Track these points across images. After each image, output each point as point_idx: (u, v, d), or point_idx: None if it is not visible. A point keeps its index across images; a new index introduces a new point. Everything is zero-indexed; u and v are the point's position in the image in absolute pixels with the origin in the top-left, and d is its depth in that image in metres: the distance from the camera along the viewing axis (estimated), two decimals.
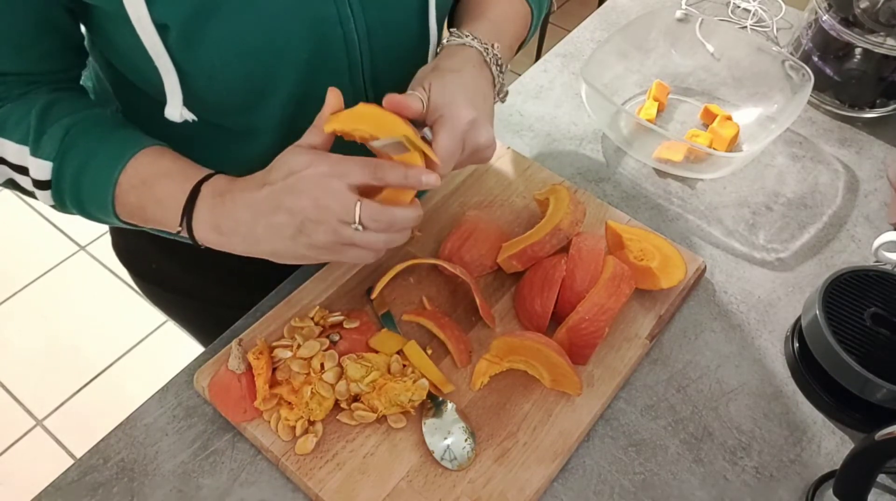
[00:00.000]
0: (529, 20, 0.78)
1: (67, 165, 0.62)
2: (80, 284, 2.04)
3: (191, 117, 0.64)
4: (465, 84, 0.63)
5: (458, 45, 0.67)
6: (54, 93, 0.64)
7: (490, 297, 0.79)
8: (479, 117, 0.62)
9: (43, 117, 0.61)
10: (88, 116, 0.63)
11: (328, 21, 0.63)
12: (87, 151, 0.62)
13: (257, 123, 0.67)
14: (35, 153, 0.62)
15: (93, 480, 0.66)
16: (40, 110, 0.62)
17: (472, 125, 0.62)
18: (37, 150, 0.61)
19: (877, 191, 0.96)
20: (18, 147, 0.62)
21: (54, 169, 0.62)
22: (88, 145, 0.62)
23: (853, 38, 0.98)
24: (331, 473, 0.65)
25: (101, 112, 0.65)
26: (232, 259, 0.81)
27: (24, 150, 0.62)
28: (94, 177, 0.62)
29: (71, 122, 0.62)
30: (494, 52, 0.68)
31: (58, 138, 0.61)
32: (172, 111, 0.63)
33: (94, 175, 0.62)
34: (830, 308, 0.73)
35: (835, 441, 0.72)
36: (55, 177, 0.62)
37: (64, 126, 0.62)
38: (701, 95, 1.06)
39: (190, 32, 0.58)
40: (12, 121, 0.62)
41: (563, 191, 0.82)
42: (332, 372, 0.67)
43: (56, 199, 0.65)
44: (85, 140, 0.62)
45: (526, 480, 0.65)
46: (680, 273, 0.79)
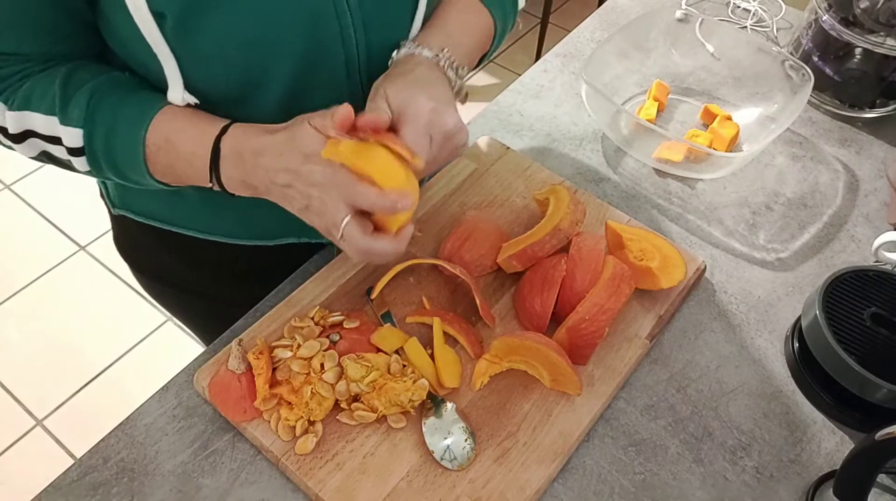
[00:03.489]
0: (492, 33, 0.78)
1: (97, 130, 0.63)
2: (80, 284, 2.04)
3: (193, 101, 0.65)
4: (418, 79, 0.64)
5: (407, 55, 0.69)
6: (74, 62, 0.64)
7: (490, 297, 0.79)
8: (438, 104, 0.63)
9: (66, 85, 0.62)
10: (109, 78, 0.64)
11: (325, 15, 0.63)
12: (112, 113, 0.63)
13: (253, 116, 0.67)
14: (64, 122, 0.62)
15: (93, 480, 0.66)
16: (63, 79, 0.62)
17: (433, 113, 0.62)
18: (65, 118, 0.62)
19: (877, 191, 0.96)
20: (46, 118, 0.63)
21: (85, 135, 0.63)
22: (113, 108, 0.63)
23: (853, 38, 0.98)
24: (331, 473, 0.65)
25: (120, 74, 0.65)
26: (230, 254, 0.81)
27: (52, 120, 0.63)
28: (123, 139, 0.63)
29: (94, 86, 0.63)
30: (447, 56, 0.69)
31: (84, 104, 0.62)
32: (175, 95, 0.64)
33: (122, 137, 0.63)
34: (830, 308, 0.73)
35: (835, 440, 0.72)
36: (87, 142, 0.63)
37: (88, 91, 0.62)
38: (701, 95, 1.06)
39: (186, 22, 0.58)
40: (37, 93, 0.62)
41: (563, 191, 0.82)
42: (332, 372, 0.67)
43: (92, 164, 0.65)
44: (109, 102, 0.63)
45: (526, 480, 0.65)
46: (680, 273, 0.79)
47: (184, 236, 0.82)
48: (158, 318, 1.96)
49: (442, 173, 0.90)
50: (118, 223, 0.90)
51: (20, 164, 2.30)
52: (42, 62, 0.64)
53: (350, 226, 0.59)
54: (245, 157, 0.62)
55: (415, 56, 0.68)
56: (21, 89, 0.63)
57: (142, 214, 0.82)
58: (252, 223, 0.80)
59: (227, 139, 0.63)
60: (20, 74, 0.63)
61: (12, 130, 0.64)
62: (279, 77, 0.65)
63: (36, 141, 0.65)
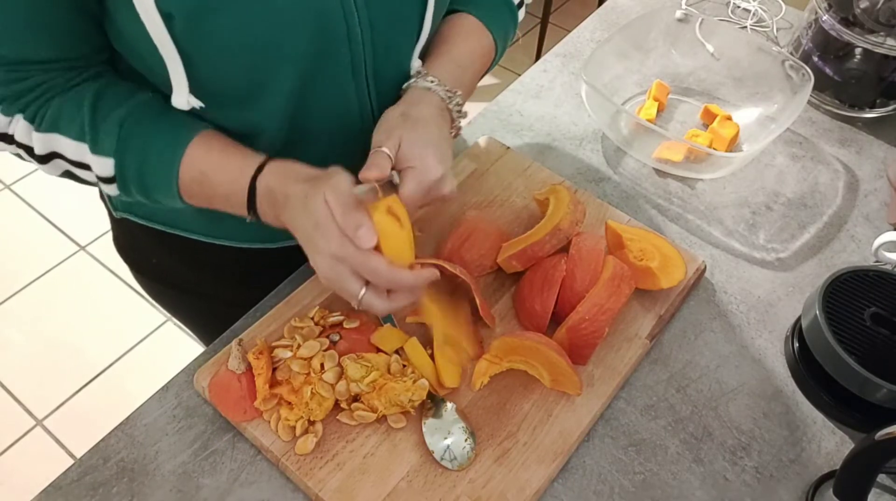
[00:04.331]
0: (493, 55, 0.80)
1: (129, 160, 0.63)
2: (80, 284, 2.04)
3: (198, 104, 0.65)
4: (433, 138, 0.67)
5: (424, 89, 0.71)
6: (99, 81, 0.65)
7: (490, 297, 0.79)
8: (444, 171, 0.66)
9: (95, 112, 0.62)
10: (138, 104, 0.64)
11: (332, 15, 0.63)
12: (144, 142, 0.63)
13: (260, 119, 0.67)
14: (95, 151, 0.63)
15: (93, 480, 0.66)
16: (91, 104, 0.62)
17: (438, 180, 0.66)
18: (96, 147, 0.63)
19: (877, 191, 0.96)
20: (76, 144, 0.63)
21: (116, 164, 0.63)
22: (145, 137, 0.64)
23: (853, 38, 0.98)
24: (331, 473, 0.65)
25: (148, 98, 0.66)
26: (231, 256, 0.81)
27: (82, 147, 0.63)
28: (155, 169, 0.64)
29: (124, 113, 0.63)
30: (457, 101, 0.72)
31: (114, 134, 0.62)
32: (179, 99, 0.64)
33: (155, 167, 0.64)
34: (830, 308, 0.73)
35: (835, 440, 0.72)
36: (118, 171, 0.64)
37: (118, 119, 0.62)
38: (701, 95, 1.06)
39: (195, 22, 0.58)
40: (66, 117, 0.62)
41: (563, 191, 0.82)
42: (332, 372, 0.67)
43: (123, 191, 0.66)
44: (140, 131, 0.63)
45: (526, 480, 0.65)
46: (680, 273, 0.79)
47: (186, 238, 0.82)
48: (158, 318, 1.96)
49: None
50: (118, 225, 0.90)
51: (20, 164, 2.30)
52: (64, 72, 0.63)
53: (368, 296, 0.61)
54: (278, 199, 0.63)
55: (430, 92, 0.70)
56: (48, 109, 0.62)
57: (144, 217, 0.82)
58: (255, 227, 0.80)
59: (262, 179, 0.64)
60: (43, 87, 0.62)
61: (38, 152, 0.64)
62: (285, 78, 0.65)
63: (59, 162, 0.65)
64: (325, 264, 0.61)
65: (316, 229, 0.60)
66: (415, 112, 0.68)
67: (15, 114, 0.63)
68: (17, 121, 0.63)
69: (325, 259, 0.61)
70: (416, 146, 0.65)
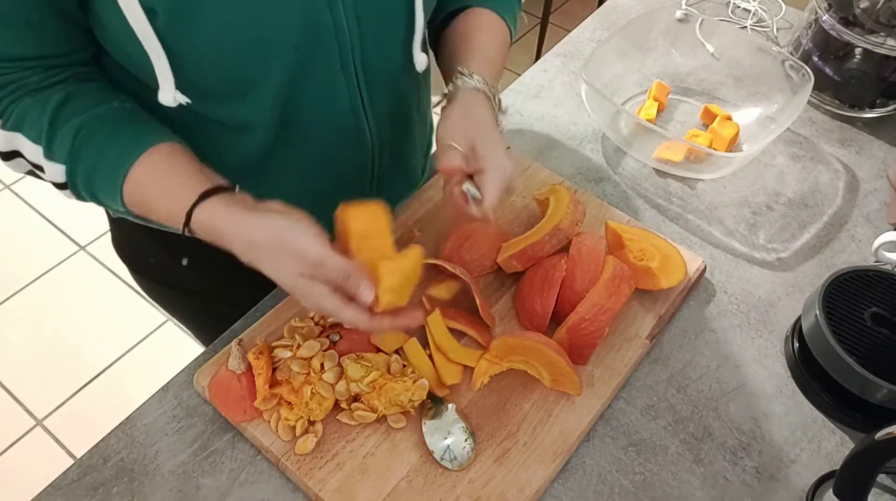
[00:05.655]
0: (509, 42, 0.82)
1: (79, 168, 0.63)
2: (80, 284, 2.04)
3: (185, 100, 0.64)
4: (498, 138, 0.69)
5: (473, 89, 0.72)
6: (72, 86, 0.64)
7: (490, 297, 0.79)
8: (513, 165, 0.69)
9: (55, 118, 0.62)
10: (98, 114, 0.64)
11: (317, 8, 0.63)
12: (95, 154, 0.63)
13: (249, 116, 0.67)
14: (48, 156, 0.63)
15: (93, 480, 0.66)
16: (53, 110, 0.62)
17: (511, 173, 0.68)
18: (50, 153, 0.63)
19: (877, 191, 0.96)
20: (33, 146, 0.63)
21: (67, 171, 0.63)
22: (97, 149, 0.63)
23: (853, 38, 0.98)
24: (331, 473, 0.65)
25: (111, 108, 0.65)
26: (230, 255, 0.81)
27: (38, 149, 0.63)
28: (103, 182, 0.64)
29: (81, 122, 0.62)
30: (498, 99, 0.74)
31: (69, 141, 0.62)
32: (166, 96, 0.64)
33: (103, 180, 0.64)
34: (830, 308, 0.73)
35: (835, 441, 0.72)
36: (69, 178, 0.64)
37: (74, 128, 0.62)
38: (701, 95, 1.06)
39: (178, 17, 0.58)
40: (30, 119, 0.63)
41: (563, 191, 0.82)
42: (332, 372, 0.67)
43: (75, 196, 0.66)
44: (93, 142, 0.63)
45: (526, 480, 0.65)
46: (680, 273, 0.79)
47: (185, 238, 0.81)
48: (158, 318, 1.96)
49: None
50: (117, 226, 0.89)
51: None
52: (41, 70, 0.63)
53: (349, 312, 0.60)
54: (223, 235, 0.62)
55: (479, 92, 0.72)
56: (16, 107, 0.63)
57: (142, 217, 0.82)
58: None
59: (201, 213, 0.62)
60: (16, 85, 0.62)
61: (2, 148, 0.64)
62: (273, 72, 0.65)
63: (23, 161, 0.65)
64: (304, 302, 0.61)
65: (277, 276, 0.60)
66: (474, 113, 0.70)
67: None
68: None
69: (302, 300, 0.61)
70: (489, 148, 0.67)
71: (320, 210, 0.64)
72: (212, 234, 0.62)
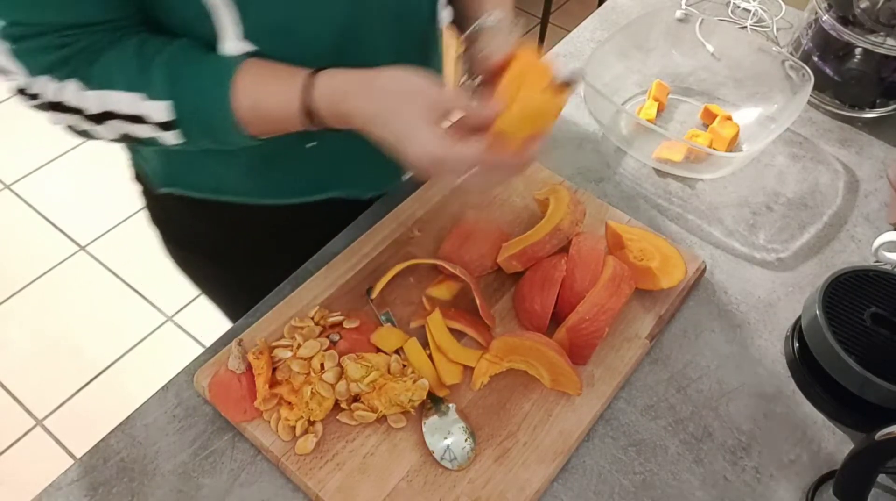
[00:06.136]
0: None
1: (184, 95, 0.63)
2: (80, 284, 2.04)
3: (252, 48, 0.65)
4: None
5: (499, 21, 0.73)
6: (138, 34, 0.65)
7: (490, 297, 0.79)
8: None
9: (141, 60, 0.62)
10: (180, 45, 0.64)
11: None
12: (194, 77, 0.63)
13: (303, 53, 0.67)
14: (151, 97, 0.62)
15: (93, 480, 0.66)
16: (136, 54, 0.62)
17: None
18: (150, 93, 0.62)
19: (877, 191, 0.96)
20: (130, 95, 0.63)
21: (174, 105, 0.63)
22: (193, 73, 0.63)
23: (853, 38, 0.98)
24: (331, 473, 0.65)
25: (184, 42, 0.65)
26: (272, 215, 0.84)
27: (135, 97, 0.63)
28: (209, 100, 0.64)
29: (168, 56, 0.63)
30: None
31: (163, 75, 0.62)
32: (231, 45, 0.64)
33: (208, 98, 0.64)
34: (830, 308, 0.73)
35: (835, 441, 0.72)
36: (177, 112, 0.63)
37: (164, 62, 0.62)
38: (701, 95, 1.06)
39: None
40: (115, 70, 0.62)
41: (563, 191, 0.82)
42: (332, 372, 0.67)
43: (186, 135, 0.65)
44: (188, 68, 0.63)
45: (526, 480, 0.65)
46: (680, 273, 0.79)
47: (229, 204, 0.83)
48: (158, 318, 1.96)
49: None
50: (150, 196, 0.90)
51: (20, 164, 2.30)
52: (108, 33, 0.63)
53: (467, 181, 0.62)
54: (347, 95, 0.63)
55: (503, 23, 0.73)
56: (96, 67, 0.62)
57: (190, 187, 0.83)
58: (299, 180, 0.82)
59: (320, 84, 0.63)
60: (90, 49, 0.62)
61: (93, 111, 0.63)
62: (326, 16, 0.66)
63: (113, 123, 0.64)
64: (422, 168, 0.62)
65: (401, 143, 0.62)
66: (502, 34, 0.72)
67: (63, 79, 0.62)
68: (67, 86, 0.62)
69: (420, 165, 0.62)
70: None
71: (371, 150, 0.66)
72: (336, 97, 0.63)
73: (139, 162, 0.85)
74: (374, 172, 0.86)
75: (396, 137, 0.62)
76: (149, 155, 0.82)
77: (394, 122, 0.62)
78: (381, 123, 0.62)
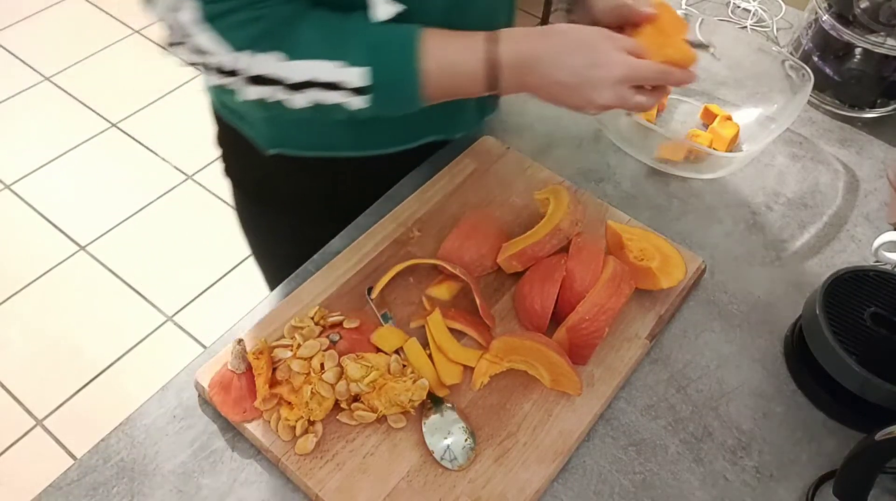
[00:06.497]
0: None
1: (381, 66, 0.67)
2: (80, 284, 2.04)
3: (401, 7, 0.68)
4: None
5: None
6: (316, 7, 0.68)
7: (490, 297, 0.79)
8: None
9: (336, 31, 0.67)
10: (361, 16, 0.68)
11: None
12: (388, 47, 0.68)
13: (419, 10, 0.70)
14: (351, 64, 0.66)
15: (93, 480, 0.66)
16: (328, 26, 0.67)
17: None
18: (350, 61, 0.66)
19: (877, 191, 0.96)
20: (331, 64, 0.66)
21: (372, 73, 0.67)
22: (387, 43, 0.68)
23: (853, 38, 0.98)
24: (331, 473, 0.65)
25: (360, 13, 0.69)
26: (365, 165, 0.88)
27: (336, 65, 0.66)
28: (400, 62, 0.68)
29: (360, 26, 0.67)
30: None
31: (361, 44, 0.67)
32: (382, 10, 0.67)
33: (399, 60, 0.68)
34: (830, 308, 0.73)
35: (835, 441, 0.72)
36: (374, 80, 0.67)
37: (359, 31, 0.67)
38: (701, 95, 1.06)
39: None
40: (315, 43, 0.66)
41: (563, 191, 0.82)
42: (332, 372, 0.67)
43: (373, 100, 0.69)
44: (381, 38, 0.68)
45: (526, 480, 0.65)
46: (680, 273, 0.79)
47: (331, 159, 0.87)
48: (158, 318, 1.96)
49: (442, 173, 0.90)
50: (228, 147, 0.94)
51: (20, 164, 2.30)
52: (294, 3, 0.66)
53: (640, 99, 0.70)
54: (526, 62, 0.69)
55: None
56: (295, 39, 0.66)
57: (297, 146, 0.86)
58: (398, 130, 0.86)
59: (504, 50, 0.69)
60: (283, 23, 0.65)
61: (294, 80, 0.67)
62: None
63: (312, 91, 0.68)
64: (608, 93, 0.68)
65: (594, 67, 0.68)
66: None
67: (264, 52, 0.65)
68: (269, 58, 0.65)
69: (607, 89, 0.68)
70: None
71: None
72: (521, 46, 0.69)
73: (243, 128, 0.88)
74: (465, 114, 0.92)
75: (587, 62, 0.68)
76: (255, 120, 0.85)
77: (582, 49, 0.68)
78: (569, 52, 0.68)
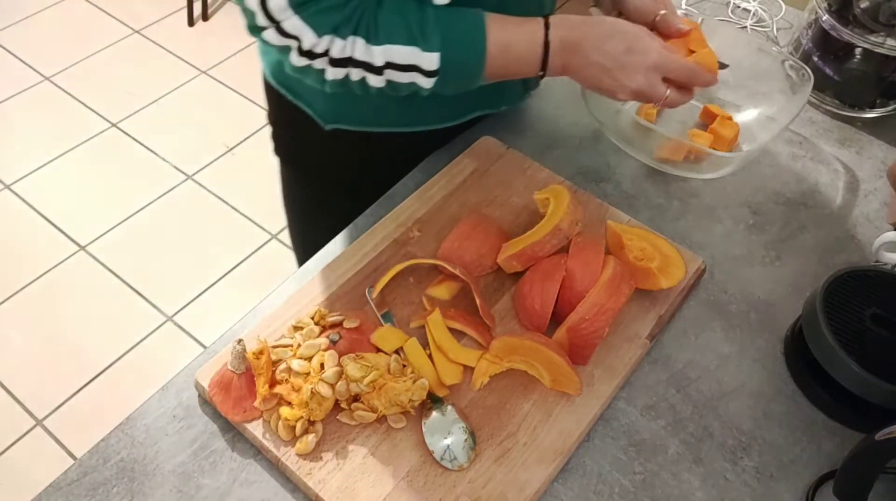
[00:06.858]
0: None
1: (453, 51, 0.73)
2: (80, 284, 2.04)
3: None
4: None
5: None
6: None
7: (490, 297, 0.79)
8: None
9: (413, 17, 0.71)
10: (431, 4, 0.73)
11: None
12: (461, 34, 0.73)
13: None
14: (426, 49, 0.72)
15: (93, 480, 0.66)
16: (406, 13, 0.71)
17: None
18: (427, 46, 0.72)
19: (877, 191, 0.96)
20: (409, 49, 0.72)
21: (444, 57, 0.73)
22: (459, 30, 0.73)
23: (853, 38, 0.98)
24: (331, 473, 0.65)
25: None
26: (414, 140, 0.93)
27: (414, 50, 0.72)
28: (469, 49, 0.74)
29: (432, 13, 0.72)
30: None
31: (436, 31, 0.72)
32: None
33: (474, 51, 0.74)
34: (830, 308, 0.73)
35: (835, 441, 0.72)
36: (445, 63, 0.73)
37: (432, 19, 0.72)
38: (701, 95, 1.06)
39: None
40: (395, 29, 0.71)
41: (563, 191, 0.82)
42: (332, 372, 0.67)
43: (440, 81, 0.75)
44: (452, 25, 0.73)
45: (526, 480, 0.65)
46: (680, 273, 0.79)
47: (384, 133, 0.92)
48: (158, 318, 1.96)
49: (442, 173, 0.90)
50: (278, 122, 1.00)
51: (20, 164, 2.31)
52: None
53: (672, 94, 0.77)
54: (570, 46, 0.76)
55: None
56: (375, 24, 0.71)
57: (354, 122, 0.91)
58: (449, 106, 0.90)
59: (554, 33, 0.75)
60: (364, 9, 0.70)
61: (377, 63, 0.72)
62: None
63: (390, 71, 0.73)
64: (640, 78, 0.75)
65: (630, 52, 0.75)
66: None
67: (348, 36, 0.70)
68: (355, 42, 0.71)
69: (640, 74, 0.75)
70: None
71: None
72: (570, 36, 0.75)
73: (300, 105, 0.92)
74: (513, 89, 0.96)
75: (624, 47, 0.75)
76: (313, 98, 0.90)
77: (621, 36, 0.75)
78: (608, 38, 0.75)
